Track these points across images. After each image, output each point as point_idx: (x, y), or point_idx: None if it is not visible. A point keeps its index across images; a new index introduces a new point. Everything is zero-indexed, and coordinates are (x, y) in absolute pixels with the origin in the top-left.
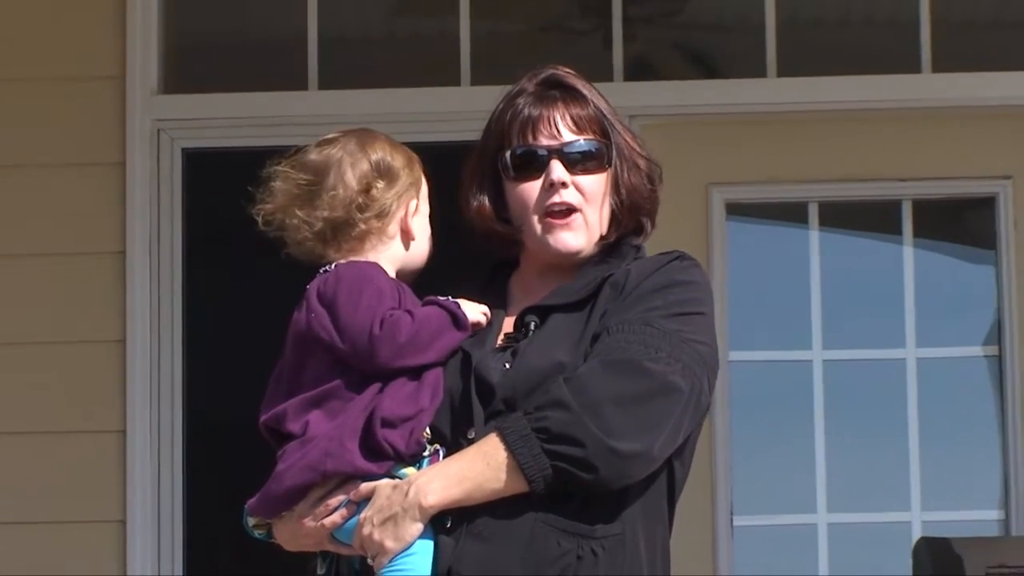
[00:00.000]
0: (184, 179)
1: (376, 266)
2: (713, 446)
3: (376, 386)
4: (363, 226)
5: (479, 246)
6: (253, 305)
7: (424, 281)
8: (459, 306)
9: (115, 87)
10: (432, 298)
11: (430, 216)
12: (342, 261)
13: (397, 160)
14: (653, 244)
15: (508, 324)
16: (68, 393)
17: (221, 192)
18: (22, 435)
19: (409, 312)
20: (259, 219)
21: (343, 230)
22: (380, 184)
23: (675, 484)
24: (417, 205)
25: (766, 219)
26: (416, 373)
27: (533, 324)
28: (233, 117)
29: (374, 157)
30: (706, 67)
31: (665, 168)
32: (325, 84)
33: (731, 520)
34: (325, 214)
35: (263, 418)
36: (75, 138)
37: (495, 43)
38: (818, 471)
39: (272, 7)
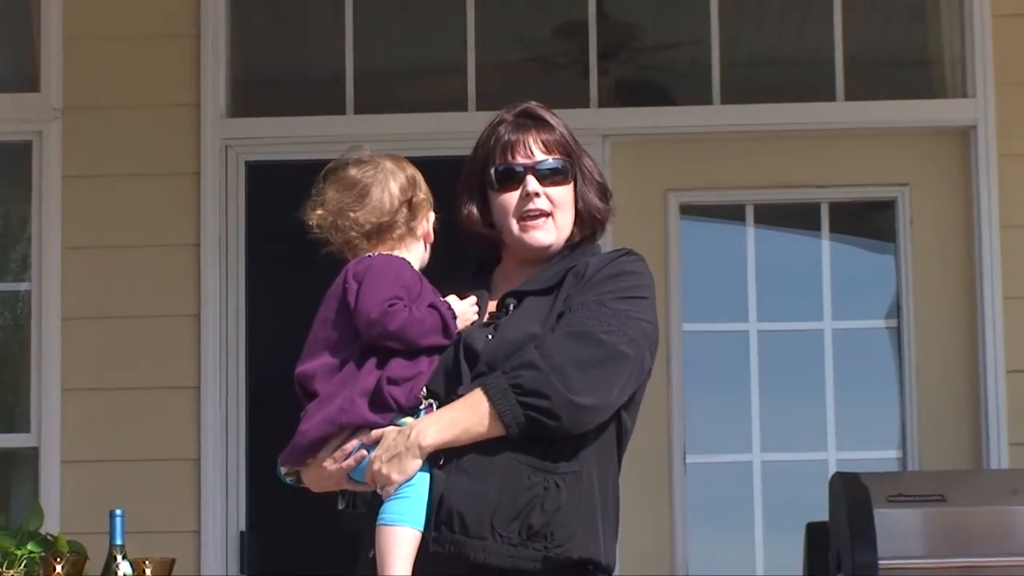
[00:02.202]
0: (247, 186)
1: (405, 262)
2: (670, 398)
3: (377, 355)
4: (403, 228)
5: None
6: (301, 287)
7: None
8: (454, 317)
9: (191, 112)
10: (442, 302)
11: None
12: (384, 252)
13: (420, 177)
14: (625, 237)
15: (492, 306)
16: (154, 356)
17: (277, 196)
18: (118, 390)
19: (409, 308)
20: (312, 223)
21: (387, 231)
22: (416, 195)
23: (623, 433)
24: (433, 215)
25: (712, 218)
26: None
27: (512, 305)
28: (286, 136)
29: (409, 173)
30: (664, 96)
31: (630, 177)
32: (360, 110)
33: (684, 458)
34: (374, 218)
35: (298, 370)
36: (159, 153)
37: (495, 76)
38: (753, 419)
39: (317, 47)
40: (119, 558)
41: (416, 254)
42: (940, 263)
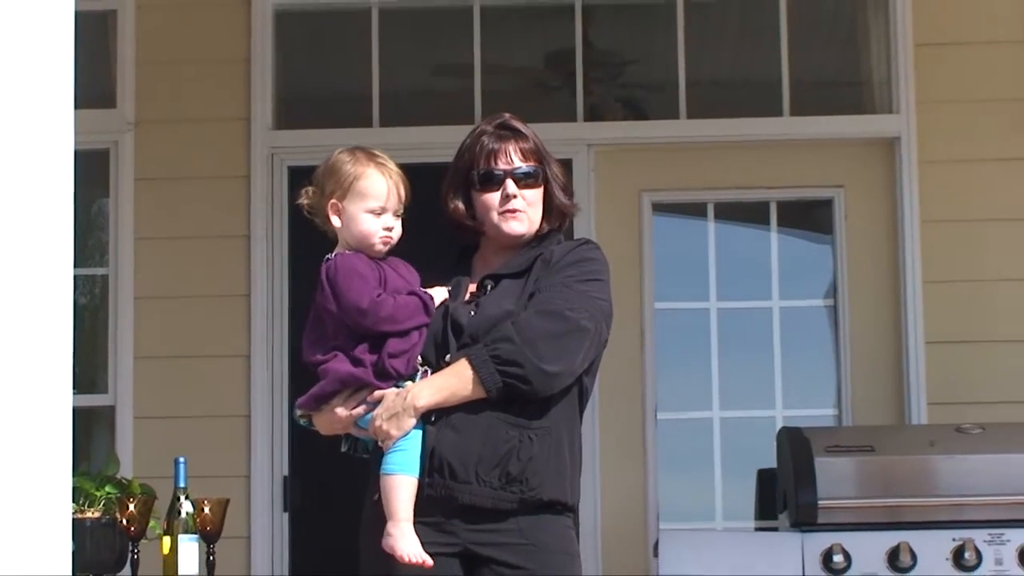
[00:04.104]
0: (289, 187)
1: (356, 257)
2: (643, 365)
3: (370, 339)
4: (322, 211)
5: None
6: None
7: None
8: (432, 299)
9: (243, 125)
10: (417, 289)
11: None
12: (339, 251)
13: (333, 165)
14: (606, 230)
15: (472, 287)
16: (211, 329)
17: None
18: (181, 358)
19: (393, 297)
20: (304, 208)
21: (316, 213)
22: (328, 182)
23: (584, 395)
24: (338, 203)
25: (679, 214)
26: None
27: (489, 286)
28: (323, 144)
29: (332, 161)
30: (639, 111)
31: (609, 180)
32: (384, 123)
33: (655, 415)
34: (310, 201)
35: (305, 357)
36: (215, 159)
37: (498, 94)
38: (713, 381)
39: (348, 70)
40: (182, 498)
41: (343, 240)
42: (870, 252)
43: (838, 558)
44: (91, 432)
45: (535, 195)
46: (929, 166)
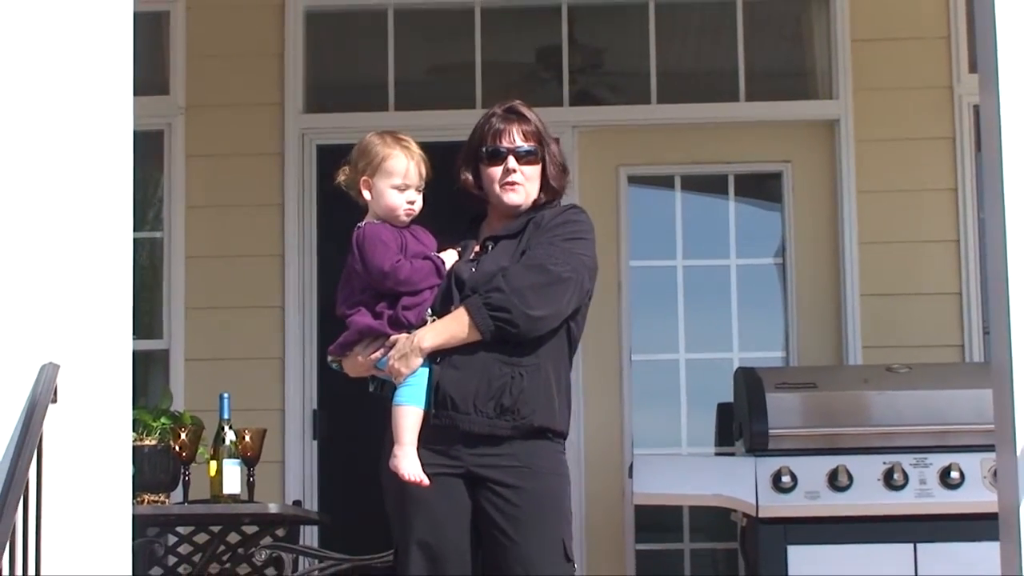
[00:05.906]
0: (317, 163)
1: (382, 226)
2: (620, 314)
3: (388, 298)
4: (355, 186)
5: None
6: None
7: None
8: (444, 263)
9: (277, 109)
10: (432, 254)
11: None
12: (368, 221)
13: (365, 147)
14: (589, 200)
15: (476, 247)
16: (251, 284)
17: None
18: (225, 308)
19: (410, 262)
20: (340, 182)
21: (352, 188)
22: (360, 161)
23: (572, 337)
24: (368, 179)
25: (651, 186)
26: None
27: (490, 246)
28: (346, 126)
29: (364, 143)
30: (616, 97)
31: (591, 156)
32: (399, 107)
33: (630, 356)
34: (345, 178)
35: (337, 311)
36: (254, 139)
37: (496, 83)
38: (680, 328)
39: (367, 62)
40: (226, 428)
41: (373, 212)
42: (813, 218)
43: (786, 479)
44: (148, 372)
45: (533, 171)
46: (864, 144)
